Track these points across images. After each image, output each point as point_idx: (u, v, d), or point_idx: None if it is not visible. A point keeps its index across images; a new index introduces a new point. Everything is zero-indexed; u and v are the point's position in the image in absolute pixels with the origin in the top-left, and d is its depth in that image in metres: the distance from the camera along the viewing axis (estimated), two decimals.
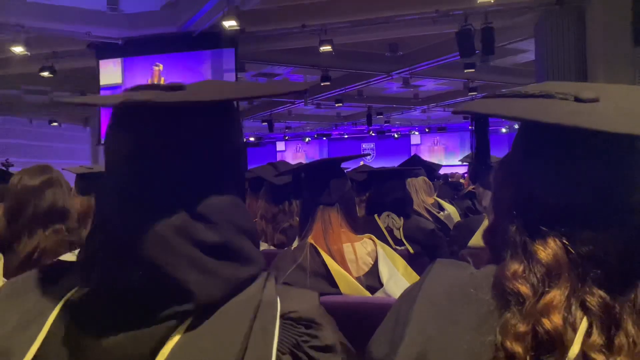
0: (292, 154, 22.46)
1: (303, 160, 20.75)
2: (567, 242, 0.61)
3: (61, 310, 0.62)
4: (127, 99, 0.60)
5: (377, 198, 2.53)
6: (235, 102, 0.72)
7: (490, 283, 0.65)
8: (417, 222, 2.38)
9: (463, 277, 0.68)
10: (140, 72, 9.18)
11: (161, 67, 9.06)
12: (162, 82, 9.04)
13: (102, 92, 9.35)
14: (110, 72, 9.27)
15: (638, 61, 6.91)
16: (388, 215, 2.42)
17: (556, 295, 0.58)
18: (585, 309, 0.58)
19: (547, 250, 0.61)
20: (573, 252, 0.60)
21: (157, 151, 0.63)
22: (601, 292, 0.58)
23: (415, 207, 2.95)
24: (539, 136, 0.66)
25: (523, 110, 0.65)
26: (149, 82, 9.07)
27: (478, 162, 0.80)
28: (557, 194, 0.63)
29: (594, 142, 0.61)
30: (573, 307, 0.58)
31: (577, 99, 0.63)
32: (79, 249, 0.68)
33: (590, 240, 0.60)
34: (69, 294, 0.63)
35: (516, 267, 0.62)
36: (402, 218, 2.39)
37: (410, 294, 0.71)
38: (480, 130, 0.79)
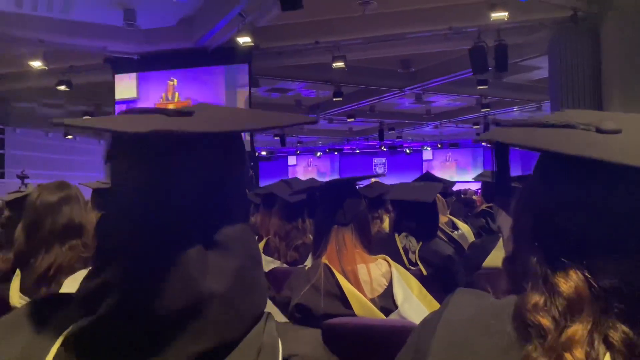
0: (304, 169, 22.50)
1: (314, 174, 20.79)
2: (589, 275, 0.60)
3: (62, 345, 0.59)
4: (151, 129, 0.57)
5: (399, 219, 2.51)
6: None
7: (511, 314, 0.64)
8: (435, 246, 2.35)
9: (484, 308, 0.67)
10: (154, 87, 9.30)
11: (175, 82, 9.17)
12: (176, 96, 9.14)
13: (117, 106, 9.48)
14: (126, 87, 9.40)
15: None
16: (406, 237, 2.40)
17: (578, 329, 0.57)
18: (608, 344, 0.57)
19: (569, 282, 0.60)
20: (595, 284, 0.59)
21: (169, 180, 0.62)
22: (624, 327, 0.57)
23: None
24: (561, 167, 0.66)
25: (545, 141, 0.65)
26: (163, 96, 9.19)
27: (498, 190, 0.80)
28: (578, 225, 0.62)
29: (615, 173, 0.60)
30: (595, 342, 0.57)
31: (599, 130, 0.63)
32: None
33: (613, 273, 0.59)
34: (69, 329, 0.60)
35: (537, 298, 0.61)
36: (420, 242, 2.36)
37: (430, 323, 0.70)
38: (501, 158, 0.79)
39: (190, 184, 0.62)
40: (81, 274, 1.75)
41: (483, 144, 19.29)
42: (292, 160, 22.81)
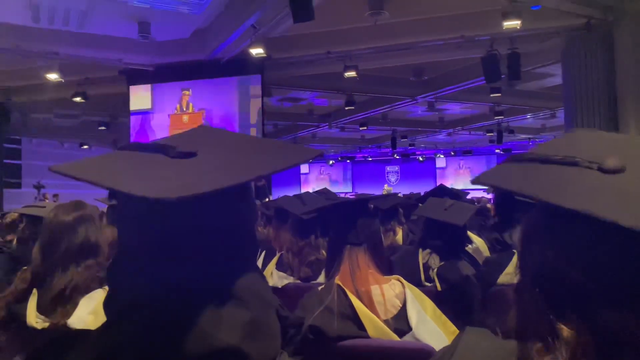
0: (316, 177, 22.50)
1: (326, 183, 20.78)
2: (592, 323, 0.59)
3: None
4: (157, 196, 0.54)
5: (426, 235, 2.49)
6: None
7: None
8: (456, 264, 2.33)
9: (493, 352, 0.67)
10: (168, 98, 9.40)
11: (190, 92, 9.26)
12: (190, 107, 9.22)
13: (131, 117, 9.58)
14: (140, 98, 9.52)
15: None
16: (430, 254, 2.39)
17: None
18: None
19: (572, 330, 0.59)
20: (598, 333, 0.58)
21: (180, 234, 0.61)
22: None
23: None
24: (559, 213, 0.62)
25: (541, 187, 0.62)
26: (177, 107, 9.26)
27: (501, 225, 0.79)
28: (579, 273, 0.60)
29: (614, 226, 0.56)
30: None
31: (601, 169, 0.60)
32: None
33: (616, 323, 0.57)
34: None
35: (540, 346, 0.61)
36: (442, 261, 2.35)
37: None
38: (501, 197, 0.77)
39: (204, 235, 0.62)
40: (97, 293, 1.76)
41: (497, 151, 19.13)
42: (304, 168, 22.86)
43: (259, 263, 2.72)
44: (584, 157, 0.63)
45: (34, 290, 1.81)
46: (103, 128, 13.29)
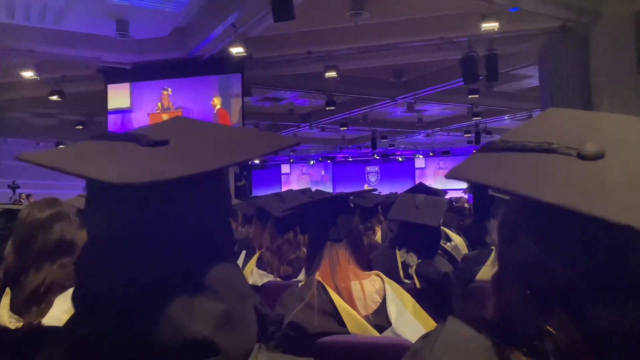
0: (297, 177, 22.47)
1: (308, 183, 20.77)
2: (581, 321, 0.56)
3: None
4: (127, 181, 0.52)
5: (401, 236, 2.50)
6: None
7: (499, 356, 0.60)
8: (433, 262, 2.35)
9: (475, 346, 0.63)
10: (147, 97, 9.29)
11: (170, 91, 9.17)
12: (171, 106, 9.13)
13: (110, 116, 9.45)
14: (119, 96, 9.38)
15: None
16: (407, 252, 2.40)
17: None
18: None
19: (560, 328, 0.57)
20: (587, 329, 0.56)
21: (151, 222, 0.59)
22: None
23: None
24: (539, 207, 0.58)
25: (519, 180, 0.59)
26: (159, 105, 9.16)
27: (477, 222, 0.76)
28: (564, 268, 0.58)
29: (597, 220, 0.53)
30: None
31: (581, 156, 0.58)
32: None
33: (605, 318, 0.56)
34: None
35: (527, 346, 0.58)
36: (420, 259, 2.36)
37: (420, 354, 0.66)
38: (478, 192, 0.74)
39: (173, 225, 0.60)
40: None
41: (474, 152, 19.25)
42: (285, 168, 22.81)
43: (240, 262, 2.70)
44: (561, 142, 0.60)
45: (7, 290, 1.77)
46: (80, 127, 13.07)
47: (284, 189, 19.12)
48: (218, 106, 8.99)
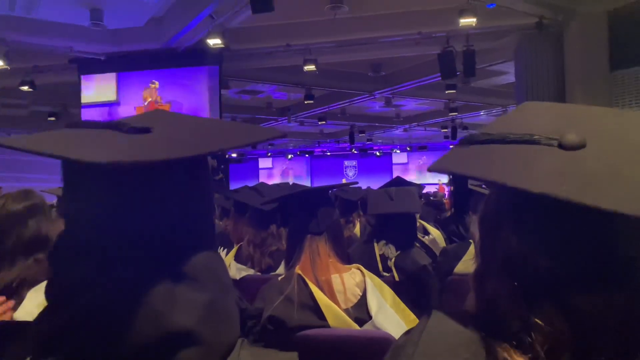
0: (281, 171, 22.36)
1: (291, 178, 20.71)
2: (566, 310, 0.56)
3: None
4: (107, 160, 0.50)
5: (378, 227, 2.52)
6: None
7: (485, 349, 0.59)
8: (411, 255, 2.37)
9: (460, 340, 0.62)
10: (135, 90, 9.10)
11: (157, 84, 8.99)
12: (159, 99, 8.96)
13: (83, 110, 9.25)
14: (104, 89, 9.19)
15: (614, 85, 7.10)
16: (386, 244, 2.41)
17: None
18: None
19: (546, 319, 0.56)
20: (573, 320, 0.56)
21: (131, 209, 0.57)
22: None
23: None
24: (521, 197, 0.58)
25: (503, 171, 0.59)
26: (146, 96, 8.96)
27: (455, 215, 0.75)
28: (547, 257, 0.58)
29: (580, 208, 0.53)
30: None
31: (562, 146, 0.58)
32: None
33: (591, 308, 0.56)
34: None
35: (514, 338, 0.57)
36: (399, 251, 2.38)
37: (404, 352, 0.64)
38: (458, 185, 0.73)
39: (154, 212, 0.58)
40: (45, 285, 1.69)
41: (451, 147, 19.46)
42: (266, 162, 22.64)
43: None
44: (541, 133, 0.60)
45: None
46: (53, 119, 12.76)
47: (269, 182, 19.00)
48: None
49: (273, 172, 22.21)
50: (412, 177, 18.13)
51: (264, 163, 22.67)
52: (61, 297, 0.57)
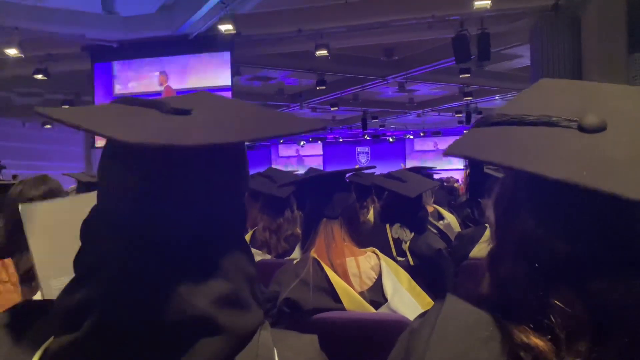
0: (295, 159, 22.36)
1: (310, 165, 20.72)
2: (584, 293, 0.55)
3: (40, 359, 0.56)
4: (148, 141, 0.51)
5: (391, 208, 2.50)
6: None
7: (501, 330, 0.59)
8: (426, 239, 2.35)
9: (477, 321, 0.62)
10: (135, 76, 9.15)
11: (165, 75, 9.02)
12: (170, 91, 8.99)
13: (96, 95, 9.31)
14: (106, 75, 9.24)
15: (632, 68, 6.96)
16: (400, 227, 2.40)
17: (578, 354, 0.54)
18: None
19: (564, 302, 0.56)
20: (591, 303, 0.55)
21: (167, 192, 0.57)
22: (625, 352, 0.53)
23: None
24: (538, 181, 0.57)
25: (521, 155, 0.57)
26: (160, 80, 8.97)
27: (472, 198, 0.74)
28: (564, 242, 0.57)
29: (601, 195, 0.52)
30: None
31: (582, 128, 0.57)
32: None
33: (611, 293, 0.55)
34: (47, 343, 0.57)
35: (531, 322, 0.57)
36: (413, 233, 2.37)
37: (420, 334, 0.64)
38: (474, 169, 0.72)
39: (191, 197, 0.58)
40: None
41: (465, 132, 19.24)
42: (281, 149, 22.63)
43: None
44: (559, 114, 0.59)
45: None
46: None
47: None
48: None
49: (286, 160, 22.24)
50: (419, 163, 18.00)
51: (277, 150, 22.70)
52: (88, 270, 0.58)
